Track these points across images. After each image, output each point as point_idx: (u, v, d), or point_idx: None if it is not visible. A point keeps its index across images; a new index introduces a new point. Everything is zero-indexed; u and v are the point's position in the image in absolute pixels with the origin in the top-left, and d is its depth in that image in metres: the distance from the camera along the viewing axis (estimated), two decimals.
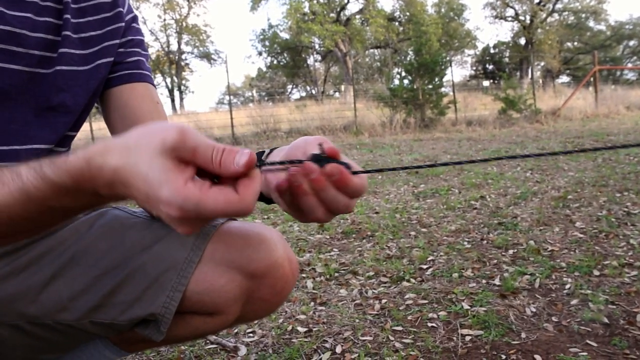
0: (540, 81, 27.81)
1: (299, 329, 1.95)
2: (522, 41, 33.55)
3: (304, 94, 36.94)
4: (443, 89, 12.33)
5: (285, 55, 33.85)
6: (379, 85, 16.60)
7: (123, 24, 0.96)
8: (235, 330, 1.97)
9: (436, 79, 11.71)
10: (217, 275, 0.88)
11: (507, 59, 35.31)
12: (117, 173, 0.52)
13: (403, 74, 12.57)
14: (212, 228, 0.89)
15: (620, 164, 5.23)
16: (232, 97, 16.25)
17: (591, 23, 33.35)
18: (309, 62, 35.02)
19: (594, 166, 5.20)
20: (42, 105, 0.87)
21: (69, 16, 0.87)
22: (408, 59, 13.46)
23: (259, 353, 1.77)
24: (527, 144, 7.74)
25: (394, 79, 12.86)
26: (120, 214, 0.95)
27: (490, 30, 47.86)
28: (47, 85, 0.87)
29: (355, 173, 0.60)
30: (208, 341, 1.89)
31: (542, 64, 32.75)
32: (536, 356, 1.63)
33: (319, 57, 33.72)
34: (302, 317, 2.06)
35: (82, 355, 0.98)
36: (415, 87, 11.66)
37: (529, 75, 25.98)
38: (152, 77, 1.03)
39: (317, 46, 30.71)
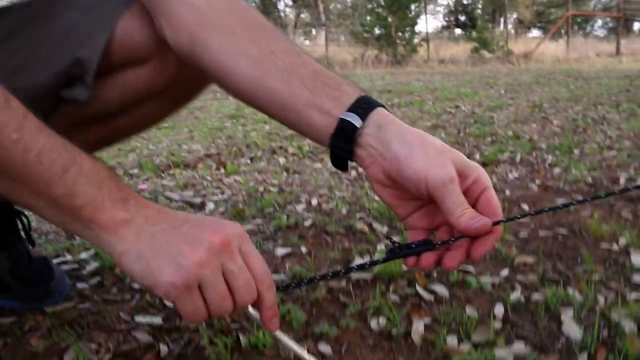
0: (513, 31, 27.70)
1: (272, 189, 1.84)
2: None
3: None
4: (417, 27, 12.14)
5: None
6: (352, 26, 16.23)
7: None
8: (203, 193, 1.85)
9: (411, 14, 11.47)
10: (144, 21, 0.78)
11: (479, 11, 34.98)
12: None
13: (378, 10, 12.25)
14: None
15: (592, 89, 5.21)
16: None
17: None
18: (279, 7, 34.01)
19: (567, 90, 5.17)
20: None
21: None
22: None
23: (228, 207, 1.66)
24: (500, 77, 7.68)
25: (367, 15, 12.54)
26: None
27: None
28: None
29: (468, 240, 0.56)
30: (173, 201, 1.77)
31: (515, 15, 32.56)
32: (523, 205, 1.56)
33: (289, 2, 32.74)
34: (274, 181, 1.95)
35: None
36: (388, 21, 11.40)
37: (501, 26, 25.83)
38: None
39: None
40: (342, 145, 0.58)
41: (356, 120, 0.57)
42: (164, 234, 0.53)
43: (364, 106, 0.58)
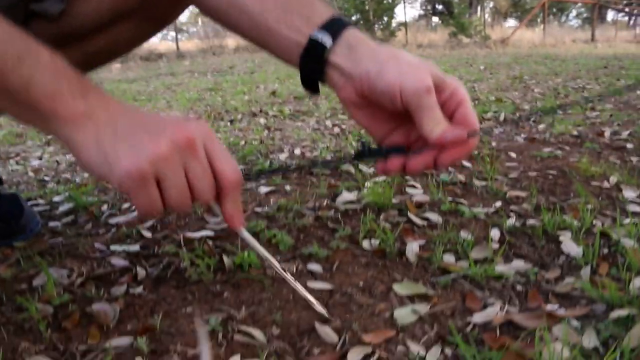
0: (490, 20, 27.89)
1: (254, 142, 1.78)
2: None
3: None
4: (394, 15, 12.10)
5: None
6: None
7: None
8: None
9: None
10: None
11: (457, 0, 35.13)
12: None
13: None
14: None
15: (571, 67, 5.24)
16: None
17: None
18: None
19: (545, 68, 5.19)
20: None
21: None
22: None
23: None
24: (478, 59, 7.69)
25: (344, 2, 12.45)
26: None
27: None
28: None
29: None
30: None
31: (492, 4, 32.75)
32: (510, 153, 1.53)
33: None
34: (256, 137, 1.89)
35: None
36: (366, 6, 11.33)
37: (478, 14, 25.95)
38: None
39: None
40: (312, 65, 0.56)
41: (327, 40, 0.54)
42: (126, 125, 0.50)
43: (335, 25, 0.55)
